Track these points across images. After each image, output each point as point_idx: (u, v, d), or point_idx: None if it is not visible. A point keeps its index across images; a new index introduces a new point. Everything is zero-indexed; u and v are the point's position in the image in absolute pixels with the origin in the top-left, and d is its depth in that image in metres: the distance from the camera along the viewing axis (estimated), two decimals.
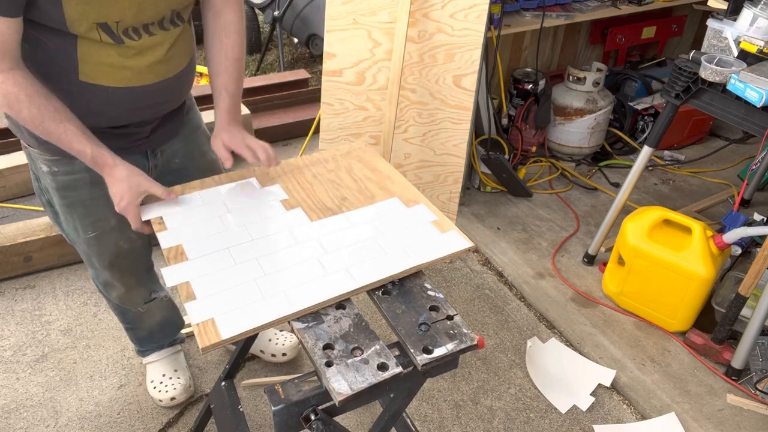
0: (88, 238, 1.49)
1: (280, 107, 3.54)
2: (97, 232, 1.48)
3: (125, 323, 1.82)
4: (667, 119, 2.10)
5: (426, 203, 1.34)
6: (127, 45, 1.21)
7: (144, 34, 1.22)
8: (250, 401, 1.90)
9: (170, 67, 1.32)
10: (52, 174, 1.38)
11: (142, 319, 1.79)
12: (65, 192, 1.41)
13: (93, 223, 1.46)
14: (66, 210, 1.44)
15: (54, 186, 1.40)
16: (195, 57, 1.45)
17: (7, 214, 2.71)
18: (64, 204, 1.43)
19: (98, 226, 1.47)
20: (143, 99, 1.31)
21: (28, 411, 1.87)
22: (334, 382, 0.96)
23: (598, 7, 2.87)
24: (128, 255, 1.57)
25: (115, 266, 1.58)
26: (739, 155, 3.25)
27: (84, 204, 1.42)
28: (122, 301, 1.71)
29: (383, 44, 2.06)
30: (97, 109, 1.27)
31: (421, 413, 1.88)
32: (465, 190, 2.87)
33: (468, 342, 1.05)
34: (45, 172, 1.38)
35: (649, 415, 1.89)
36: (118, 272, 1.60)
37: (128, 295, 1.69)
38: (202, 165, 1.58)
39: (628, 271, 2.17)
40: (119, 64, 1.22)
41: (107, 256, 1.54)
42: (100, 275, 1.63)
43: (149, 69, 1.27)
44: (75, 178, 1.38)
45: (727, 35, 1.90)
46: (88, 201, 1.42)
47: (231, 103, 1.43)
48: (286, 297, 1.08)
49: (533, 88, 3.02)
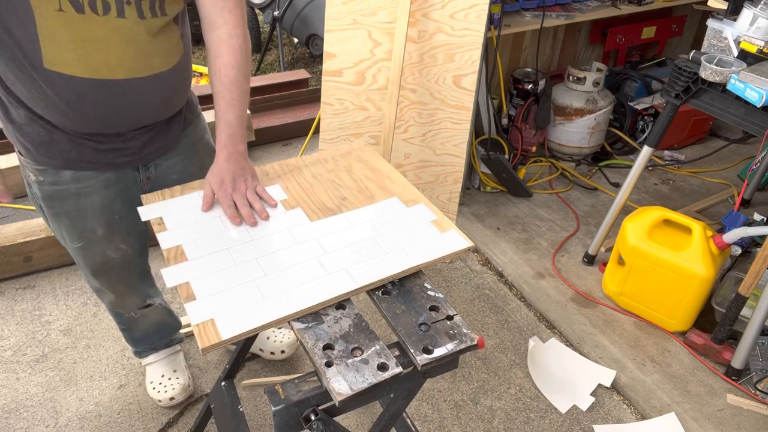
0: (74, 247, 1.47)
1: (280, 107, 3.54)
2: (83, 242, 1.45)
3: (120, 325, 1.81)
4: (667, 119, 2.10)
5: (426, 203, 1.33)
6: (89, 17, 1.09)
7: (113, 8, 1.11)
8: (250, 401, 1.90)
9: (145, 65, 1.20)
10: (38, 183, 1.35)
11: (136, 323, 1.79)
12: (51, 202, 1.38)
13: (79, 234, 1.43)
14: (53, 219, 1.42)
15: (40, 195, 1.37)
16: (186, 65, 1.33)
17: (7, 214, 2.71)
18: (51, 213, 1.41)
19: (84, 236, 1.44)
20: (115, 99, 1.21)
21: (28, 411, 1.87)
22: (334, 383, 0.96)
23: (598, 7, 2.87)
24: (117, 264, 1.54)
25: (103, 275, 1.56)
26: (739, 155, 3.25)
27: (69, 215, 1.40)
28: (114, 306, 1.70)
29: (383, 44, 2.06)
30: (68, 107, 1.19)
31: (421, 413, 1.88)
32: (465, 190, 2.87)
33: (468, 342, 1.05)
34: (32, 180, 1.36)
35: (649, 415, 1.89)
36: (107, 280, 1.58)
37: (120, 301, 1.67)
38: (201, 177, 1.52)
39: (628, 271, 2.17)
40: (83, 46, 1.11)
41: (94, 265, 1.52)
42: (90, 281, 1.62)
43: (119, 60, 1.16)
44: (61, 189, 1.35)
45: (727, 35, 1.90)
46: (74, 212, 1.39)
47: (228, 133, 1.29)
48: (286, 297, 1.08)
49: (533, 88, 3.02)
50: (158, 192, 1.35)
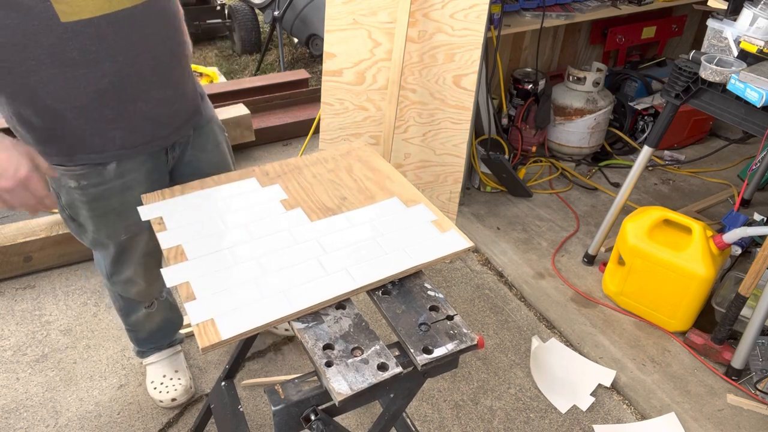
0: (121, 241, 1.50)
1: (280, 107, 3.54)
2: (129, 235, 1.50)
3: (127, 325, 1.82)
4: (667, 119, 2.10)
5: (426, 203, 1.34)
6: None
7: None
8: (250, 401, 1.90)
9: None
10: (81, 188, 1.36)
11: (144, 322, 1.80)
12: (96, 203, 1.40)
13: (126, 227, 1.47)
14: (97, 221, 1.44)
15: (84, 200, 1.39)
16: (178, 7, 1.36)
17: (7, 214, 2.71)
18: (95, 215, 1.42)
19: (130, 229, 1.48)
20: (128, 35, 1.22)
21: (28, 411, 1.87)
22: (334, 382, 0.96)
23: (598, 7, 2.87)
24: (156, 250, 1.56)
25: (143, 264, 1.60)
26: (739, 155, 3.25)
27: (115, 211, 1.43)
28: (140, 295, 1.72)
29: (383, 44, 2.06)
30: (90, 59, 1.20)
31: (421, 413, 1.88)
32: (465, 190, 2.87)
33: (468, 342, 1.05)
34: (72, 187, 1.36)
35: (649, 415, 1.89)
36: (146, 269, 1.63)
37: (148, 289, 1.71)
38: (215, 158, 1.58)
39: (628, 271, 2.17)
40: None
41: (139, 255, 1.56)
42: (123, 273, 1.62)
43: None
44: (106, 188, 1.38)
45: (727, 35, 1.90)
46: (120, 208, 1.42)
47: None
48: (286, 297, 1.08)
49: (533, 88, 3.02)
50: (158, 192, 1.35)
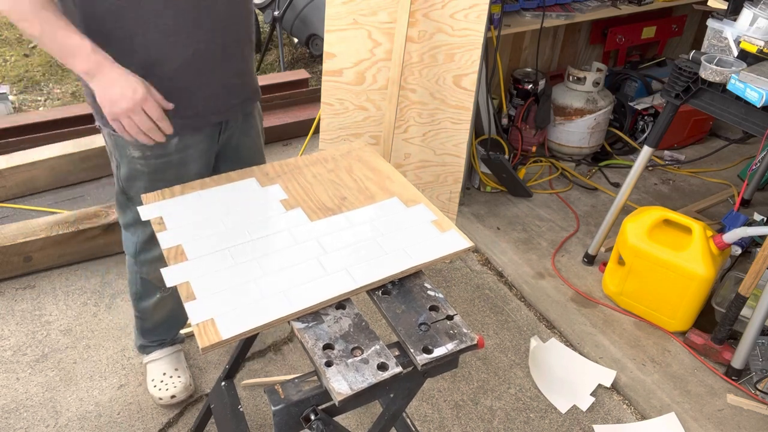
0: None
1: (280, 107, 3.54)
2: None
3: (137, 311, 1.81)
4: (667, 119, 2.10)
5: (426, 203, 1.34)
6: None
7: None
8: (250, 401, 1.90)
9: None
10: (144, 158, 1.41)
11: (153, 310, 1.79)
12: (154, 176, 1.45)
13: None
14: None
15: (145, 170, 1.44)
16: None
17: (7, 214, 2.71)
18: (149, 188, 1.43)
19: None
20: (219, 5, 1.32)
21: (28, 411, 1.87)
22: (334, 382, 0.96)
23: (598, 7, 2.87)
24: None
25: None
26: (739, 155, 3.25)
27: (170, 185, 1.44)
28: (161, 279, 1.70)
29: (383, 44, 2.06)
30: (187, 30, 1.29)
31: (421, 413, 1.88)
32: (465, 190, 2.87)
33: (468, 342, 1.05)
34: (136, 157, 1.41)
35: (649, 415, 1.89)
36: None
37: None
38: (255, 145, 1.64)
39: (628, 271, 2.17)
40: None
41: None
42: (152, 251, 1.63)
43: None
44: (166, 160, 1.43)
45: (727, 35, 1.90)
46: (175, 182, 1.44)
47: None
48: (285, 297, 1.08)
49: (533, 88, 3.02)
50: (158, 192, 1.35)
